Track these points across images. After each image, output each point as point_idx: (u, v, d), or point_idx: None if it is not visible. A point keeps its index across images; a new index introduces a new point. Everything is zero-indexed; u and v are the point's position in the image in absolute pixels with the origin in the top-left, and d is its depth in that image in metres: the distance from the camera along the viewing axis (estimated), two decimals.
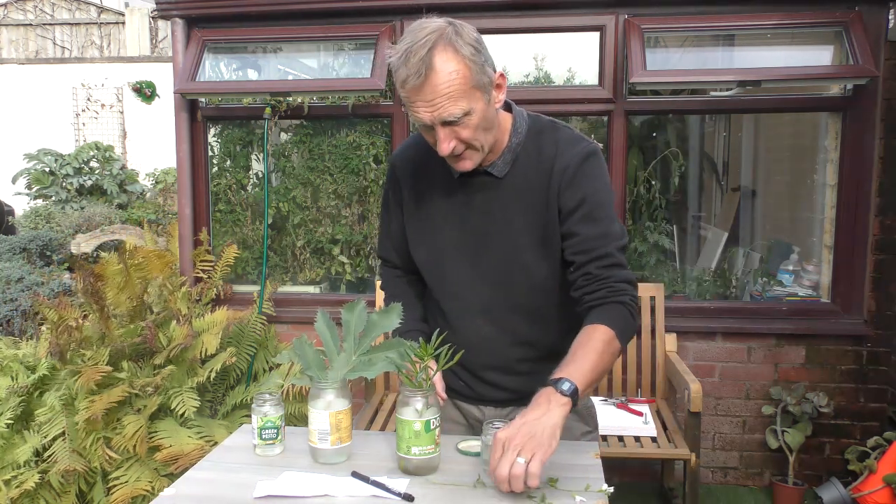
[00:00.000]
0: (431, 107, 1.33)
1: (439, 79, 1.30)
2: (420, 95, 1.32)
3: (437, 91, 1.31)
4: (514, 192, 1.48)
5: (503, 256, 1.50)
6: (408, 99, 1.35)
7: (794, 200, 4.36)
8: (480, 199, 1.50)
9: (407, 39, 1.32)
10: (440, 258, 1.55)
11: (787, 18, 3.14)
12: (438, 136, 1.36)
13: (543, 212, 1.47)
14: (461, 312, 1.56)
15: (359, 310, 1.42)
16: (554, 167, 1.46)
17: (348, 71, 3.57)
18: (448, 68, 1.30)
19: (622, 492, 3.27)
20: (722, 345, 3.29)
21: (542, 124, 1.52)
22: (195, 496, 1.27)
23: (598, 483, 1.32)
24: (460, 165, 1.43)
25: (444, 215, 1.53)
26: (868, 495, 2.94)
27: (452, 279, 1.54)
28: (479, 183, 1.50)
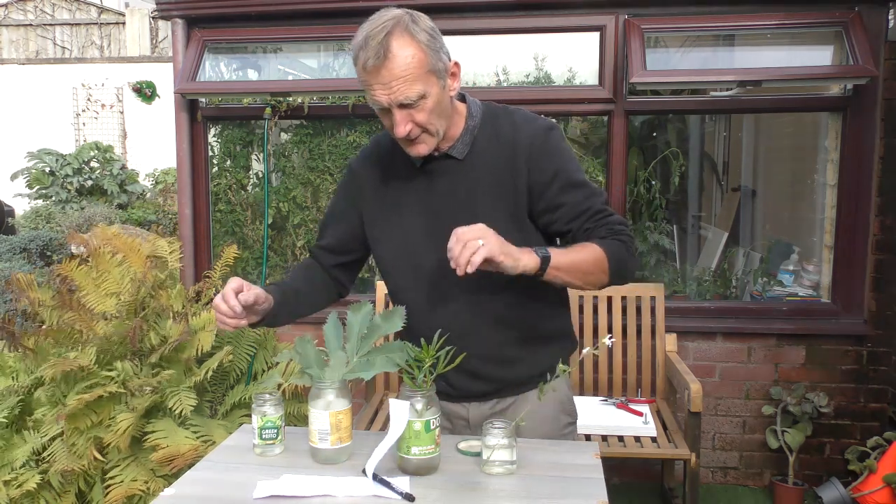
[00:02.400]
0: (388, 89, 1.37)
1: (396, 62, 1.36)
2: (378, 78, 1.37)
3: (393, 74, 1.36)
4: (477, 171, 1.52)
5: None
6: (366, 83, 1.39)
7: (794, 200, 4.36)
8: (444, 182, 1.53)
9: (366, 27, 1.41)
10: (411, 249, 1.56)
11: (787, 18, 3.14)
12: (395, 118, 1.40)
13: (510, 187, 1.50)
14: (437, 300, 1.54)
15: (364, 312, 1.42)
16: (516, 143, 1.50)
17: (348, 71, 3.56)
18: (405, 52, 1.36)
19: (622, 492, 3.27)
20: (722, 345, 3.29)
21: (497, 108, 1.58)
22: (195, 496, 1.27)
23: (599, 484, 1.31)
24: (416, 149, 1.46)
25: (410, 205, 1.55)
26: (868, 495, 2.94)
27: (426, 267, 1.54)
28: (440, 167, 1.53)
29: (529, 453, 1.42)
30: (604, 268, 1.45)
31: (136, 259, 3.13)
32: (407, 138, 1.43)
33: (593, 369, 3.18)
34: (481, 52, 3.58)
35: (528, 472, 1.35)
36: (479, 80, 3.64)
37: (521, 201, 1.51)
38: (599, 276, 1.47)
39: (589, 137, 4.29)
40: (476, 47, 3.56)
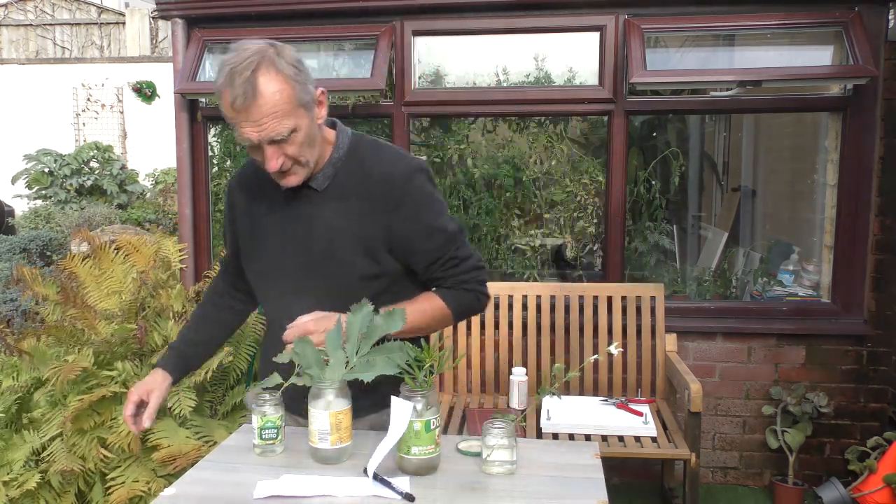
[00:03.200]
0: (258, 126, 1.37)
1: (265, 99, 1.35)
2: (247, 116, 1.36)
3: (262, 111, 1.35)
4: (335, 202, 1.53)
5: (323, 264, 1.53)
6: (234, 119, 1.38)
7: (794, 200, 4.36)
8: (303, 211, 1.55)
9: (230, 61, 1.36)
10: (270, 271, 1.60)
11: (787, 18, 3.14)
12: (266, 154, 1.41)
13: (369, 223, 1.51)
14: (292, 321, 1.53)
15: (364, 312, 1.42)
16: (380, 181, 1.51)
17: (348, 71, 3.57)
18: (272, 88, 1.35)
19: (622, 492, 3.27)
20: (722, 345, 3.29)
21: (365, 141, 1.59)
22: (195, 496, 1.27)
23: (599, 484, 1.31)
24: (287, 181, 1.48)
25: (273, 229, 1.58)
26: (868, 495, 2.94)
27: (281, 289, 1.58)
28: (302, 196, 1.54)
29: (529, 453, 1.42)
30: (447, 318, 1.60)
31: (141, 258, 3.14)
32: (279, 171, 1.44)
33: (593, 369, 3.18)
34: (481, 52, 3.58)
35: (528, 472, 1.35)
36: (479, 80, 3.64)
37: (380, 239, 1.52)
38: (443, 324, 1.61)
39: (589, 137, 4.29)
40: (476, 47, 3.56)
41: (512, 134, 3.76)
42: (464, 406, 3.10)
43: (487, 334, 3.26)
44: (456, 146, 3.72)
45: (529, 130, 3.74)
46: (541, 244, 3.79)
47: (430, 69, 3.62)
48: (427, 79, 3.60)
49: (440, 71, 3.65)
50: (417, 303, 1.54)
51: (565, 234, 3.73)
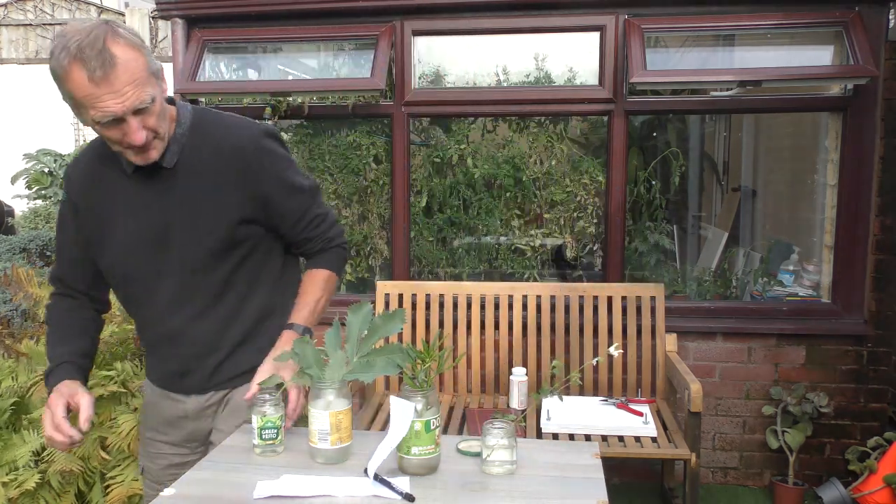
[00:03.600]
0: (121, 97, 1.31)
1: (124, 67, 1.31)
2: (109, 87, 1.30)
3: (123, 80, 1.31)
4: (190, 179, 1.51)
5: (181, 241, 1.52)
6: (91, 96, 1.31)
7: (794, 200, 4.36)
8: (155, 191, 1.51)
9: (70, 38, 1.29)
10: (124, 259, 1.55)
11: (787, 18, 3.14)
12: (131, 126, 1.36)
13: (228, 195, 1.51)
14: (155, 310, 1.58)
15: (364, 312, 1.42)
16: (230, 149, 1.52)
17: (348, 71, 3.57)
18: (128, 55, 1.32)
19: (622, 492, 3.27)
20: (722, 345, 3.29)
21: (207, 113, 1.58)
22: (195, 496, 1.27)
23: (599, 484, 1.31)
24: (148, 156, 1.43)
25: (122, 215, 1.53)
26: (868, 495, 2.94)
27: (139, 277, 1.56)
28: (150, 176, 1.50)
29: (529, 453, 1.42)
30: (334, 284, 1.69)
31: None
32: (141, 146, 1.40)
33: (593, 369, 3.18)
34: (481, 52, 3.58)
35: (528, 472, 1.35)
36: (479, 80, 3.64)
37: (243, 207, 1.53)
38: (335, 289, 1.70)
39: (589, 137, 4.29)
40: (476, 47, 3.56)
41: (512, 134, 3.76)
42: (464, 406, 3.10)
43: (487, 334, 3.26)
44: (456, 146, 3.72)
45: (529, 130, 3.74)
46: (541, 244, 3.78)
47: (430, 69, 3.62)
48: (427, 79, 3.60)
49: (440, 71, 3.65)
50: (310, 292, 1.63)
51: (565, 234, 3.72)
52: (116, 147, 1.42)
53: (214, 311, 1.57)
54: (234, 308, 1.58)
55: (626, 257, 3.43)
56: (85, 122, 1.40)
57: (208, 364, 1.60)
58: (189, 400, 1.64)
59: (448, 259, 3.80)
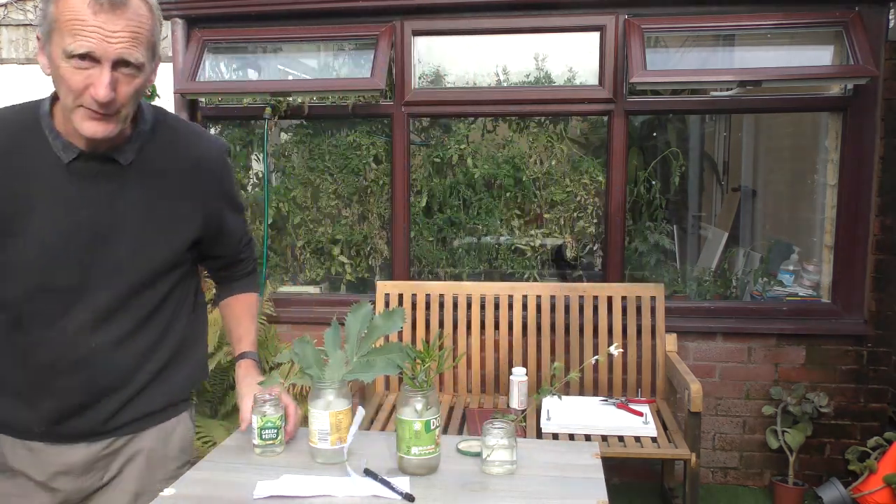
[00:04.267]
0: (114, 38, 1.15)
1: (133, 12, 1.17)
2: (102, 20, 1.14)
3: (122, 24, 1.16)
4: (147, 180, 1.34)
5: (128, 249, 1.33)
6: (80, 22, 1.14)
7: (794, 200, 4.36)
8: (101, 188, 1.30)
9: None
10: (44, 263, 1.29)
11: (787, 18, 3.14)
12: (102, 76, 1.17)
13: (178, 200, 1.38)
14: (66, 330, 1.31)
15: (363, 312, 1.42)
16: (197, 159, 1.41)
17: (348, 71, 3.57)
18: (141, 9, 1.20)
19: (622, 492, 3.27)
20: (722, 345, 3.29)
21: (169, 117, 1.44)
22: (195, 496, 1.27)
23: (599, 484, 1.31)
24: (98, 127, 1.21)
25: (47, 209, 1.28)
26: (868, 495, 2.94)
27: (58, 287, 1.30)
28: (98, 170, 1.30)
29: (529, 453, 1.42)
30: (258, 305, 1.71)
31: None
32: (99, 108, 1.19)
33: (593, 370, 3.18)
34: (481, 52, 3.58)
35: (528, 472, 1.35)
36: (479, 80, 3.64)
37: (197, 226, 1.41)
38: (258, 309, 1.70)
39: (589, 137, 4.29)
40: (476, 47, 3.56)
41: (512, 134, 3.76)
42: (464, 406, 3.10)
43: (487, 334, 3.26)
44: (456, 146, 3.72)
45: (529, 130, 3.74)
46: (541, 244, 3.78)
47: (430, 69, 3.62)
48: (427, 79, 3.60)
49: (440, 71, 3.65)
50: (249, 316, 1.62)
51: (565, 234, 3.72)
52: (68, 101, 1.20)
53: (139, 336, 1.37)
54: (158, 336, 1.40)
55: (626, 257, 3.43)
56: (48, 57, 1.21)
57: (115, 399, 1.37)
58: (75, 450, 1.36)
59: (448, 259, 3.80)
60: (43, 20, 1.19)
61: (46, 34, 1.19)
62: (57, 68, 1.18)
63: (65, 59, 1.16)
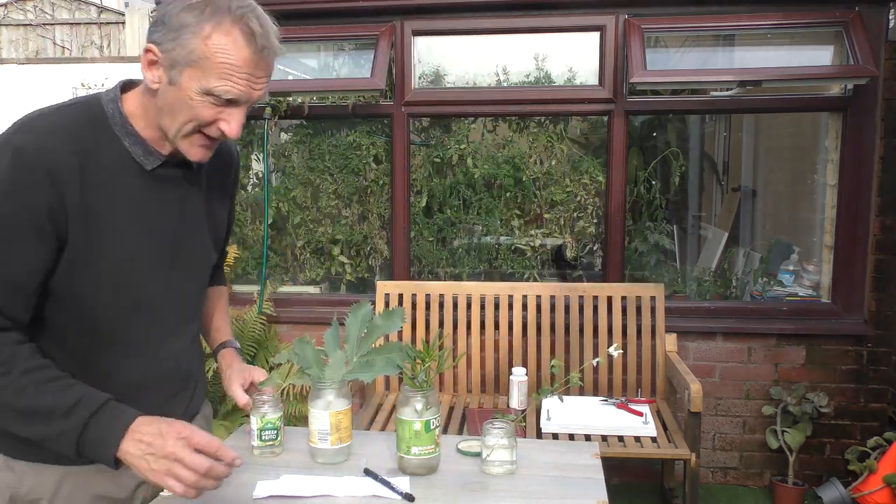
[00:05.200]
0: (258, 84, 1.17)
1: (272, 56, 1.18)
2: (255, 69, 1.15)
3: (265, 69, 1.18)
4: (203, 184, 1.33)
5: (198, 253, 1.35)
6: (233, 67, 1.12)
7: (794, 200, 4.36)
8: (173, 193, 1.27)
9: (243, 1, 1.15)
10: (128, 277, 1.21)
11: (787, 18, 3.14)
12: (237, 116, 1.17)
13: (224, 204, 1.43)
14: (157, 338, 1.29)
15: (363, 312, 1.42)
16: (229, 156, 1.43)
17: (348, 71, 3.57)
18: (277, 48, 1.21)
19: (622, 492, 3.27)
20: (722, 345, 3.29)
21: None
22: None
23: (599, 484, 1.31)
24: (206, 153, 1.21)
25: (130, 220, 1.20)
26: (868, 495, 2.94)
27: (147, 297, 1.25)
28: (173, 177, 1.26)
29: (529, 453, 1.42)
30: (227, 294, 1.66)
31: None
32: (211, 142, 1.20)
33: (593, 370, 3.18)
34: (481, 52, 3.58)
35: (528, 472, 1.35)
36: (479, 80, 3.64)
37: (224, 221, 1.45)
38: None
39: (589, 137, 4.29)
40: (476, 47, 3.56)
41: (512, 134, 3.76)
42: (464, 406, 3.10)
43: (487, 334, 3.26)
44: (456, 146, 3.72)
45: (529, 130, 3.74)
46: (541, 244, 3.78)
47: (430, 69, 3.62)
48: (427, 79, 3.60)
49: (440, 71, 3.65)
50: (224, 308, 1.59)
51: (565, 234, 3.72)
52: (186, 128, 1.16)
53: (196, 337, 1.45)
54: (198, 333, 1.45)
55: (626, 257, 3.43)
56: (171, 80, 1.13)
57: (184, 397, 1.38)
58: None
59: (448, 259, 3.80)
60: (173, 41, 1.11)
61: (180, 62, 1.12)
62: (187, 98, 1.13)
63: (201, 95, 1.13)
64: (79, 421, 1.10)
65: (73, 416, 1.10)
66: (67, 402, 1.10)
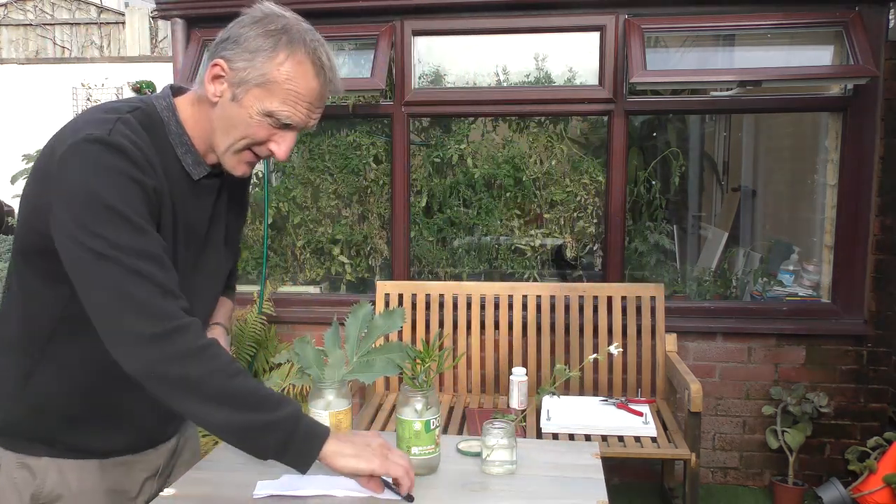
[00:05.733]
0: (315, 113, 1.21)
1: (327, 89, 1.21)
2: (315, 98, 1.18)
3: (323, 101, 1.21)
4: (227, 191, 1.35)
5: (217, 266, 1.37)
6: (297, 95, 1.16)
7: (794, 200, 4.36)
8: (208, 202, 1.30)
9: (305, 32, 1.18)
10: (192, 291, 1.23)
11: (787, 18, 3.14)
12: (289, 140, 1.20)
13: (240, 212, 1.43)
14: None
15: (363, 312, 1.42)
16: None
17: (348, 71, 3.57)
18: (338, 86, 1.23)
19: (622, 492, 3.27)
20: (722, 345, 3.29)
21: None
22: (195, 496, 1.27)
23: (599, 484, 1.31)
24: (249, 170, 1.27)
25: (184, 231, 1.25)
26: (868, 495, 2.94)
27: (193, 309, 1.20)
28: (210, 187, 1.29)
29: (529, 453, 1.42)
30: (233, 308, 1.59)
31: None
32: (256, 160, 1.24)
33: (593, 369, 3.18)
34: (481, 52, 3.59)
35: (528, 472, 1.35)
36: (478, 80, 3.64)
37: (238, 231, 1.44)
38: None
39: (589, 137, 4.29)
40: (476, 47, 3.56)
41: (512, 134, 3.76)
42: (464, 406, 3.10)
43: (487, 334, 3.26)
44: (456, 146, 3.72)
45: (529, 130, 3.74)
46: (541, 244, 3.78)
47: (430, 69, 3.62)
48: (427, 79, 3.60)
49: (440, 71, 3.65)
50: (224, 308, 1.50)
51: (565, 234, 3.72)
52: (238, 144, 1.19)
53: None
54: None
55: (626, 257, 3.43)
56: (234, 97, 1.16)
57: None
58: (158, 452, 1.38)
59: (448, 259, 3.80)
60: (244, 59, 1.15)
61: (248, 80, 1.15)
62: (247, 117, 1.16)
63: (261, 115, 1.16)
64: (294, 412, 1.14)
65: (287, 408, 1.13)
66: (276, 395, 1.14)
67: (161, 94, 1.25)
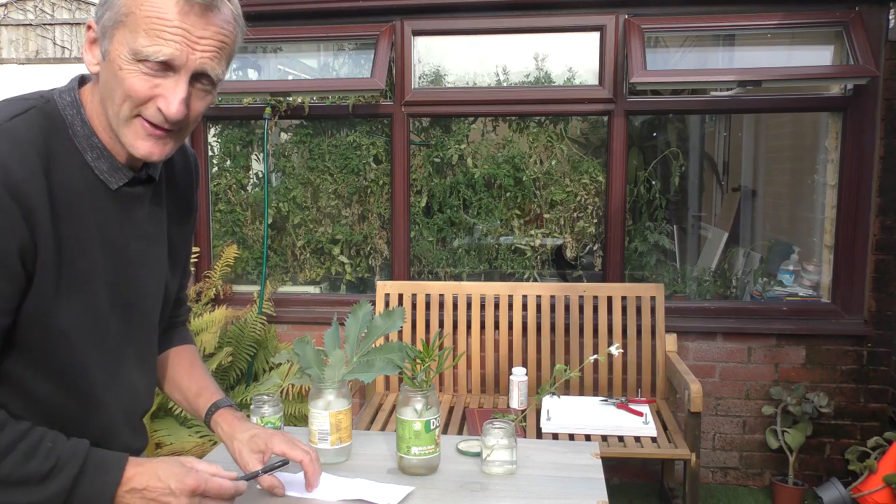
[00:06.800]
0: (198, 45, 0.97)
1: (222, 18, 1.00)
2: (190, 23, 0.96)
3: (212, 32, 0.98)
4: (164, 199, 1.17)
5: (156, 280, 1.18)
6: (163, 22, 0.94)
7: (794, 200, 4.36)
8: (137, 213, 1.10)
9: None
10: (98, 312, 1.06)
11: (787, 18, 3.14)
12: (177, 88, 0.98)
13: (186, 222, 1.25)
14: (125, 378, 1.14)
15: (363, 312, 1.42)
16: (190, 169, 1.26)
17: (348, 71, 3.57)
18: (230, 16, 1.02)
19: (622, 492, 3.27)
20: (722, 345, 3.29)
21: None
22: None
23: (599, 484, 1.31)
24: (156, 148, 1.01)
25: (95, 246, 1.04)
26: (868, 495, 2.94)
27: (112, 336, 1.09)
28: (138, 196, 1.10)
29: (529, 453, 1.42)
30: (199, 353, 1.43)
31: None
32: (162, 123, 1.00)
33: (593, 369, 3.18)
34: (481, 52, 3.59)
35: (528, 472, 1.35)
36: (478, 80, 3.64)
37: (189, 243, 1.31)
38: None
39: (589, 137, 4.29)
40: (476, 47, 3.56)
41: (512, 134, 3.76)
42: (464, 406, 3.10)
43: (487, 334, 3.26)
44: (456, 146, 3.72)
45: (529, 130, 3.74)
46: (541, 244, 3.78)
47: (430, 69, 3.62)
48: (427, 79, 3.60)
49: (440, 71, 3.65)
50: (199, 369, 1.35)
51: (565, 234, 3.72)
52: (122, 110, 0.99)
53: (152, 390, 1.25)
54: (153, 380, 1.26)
55: (626, 257, 3.43)
56: (103, 53, 0.99)
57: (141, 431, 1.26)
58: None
59: (448, 259, 3.80)
60: (106, 7, 0.97)
61: (109, 26, 0.97)
62: (117, 69, 0.96)
63: (131, 62, 0.96)
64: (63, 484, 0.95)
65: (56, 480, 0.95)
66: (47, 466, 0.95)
67: (66, 88, 1.05)
